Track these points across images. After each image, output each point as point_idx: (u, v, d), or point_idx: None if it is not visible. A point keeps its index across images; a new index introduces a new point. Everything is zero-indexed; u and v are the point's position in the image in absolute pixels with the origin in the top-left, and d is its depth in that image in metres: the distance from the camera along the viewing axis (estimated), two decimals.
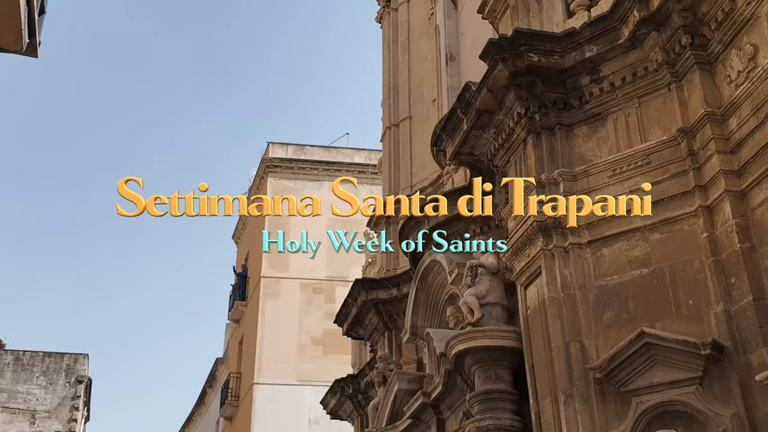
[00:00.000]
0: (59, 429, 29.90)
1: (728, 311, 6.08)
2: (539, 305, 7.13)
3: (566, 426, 6.49)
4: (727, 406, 5.89)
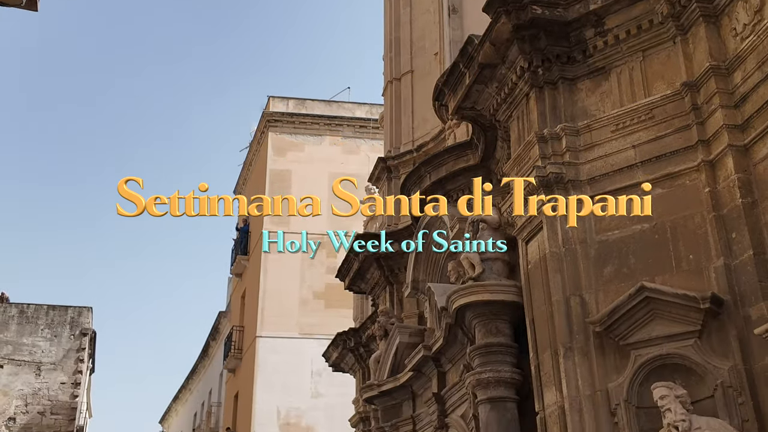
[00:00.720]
0: (65, 380, 30.31)
1: (728, 266, 6.11)
2: (540, 260, 7.16)
3: (565, 378, 6.57)
4: (725, 359, 5.96)
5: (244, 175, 31.44)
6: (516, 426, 7.75)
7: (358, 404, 13.62)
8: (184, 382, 38.90)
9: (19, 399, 29.68)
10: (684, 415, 5.76)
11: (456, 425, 9.19)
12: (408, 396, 10.58)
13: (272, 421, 23.65)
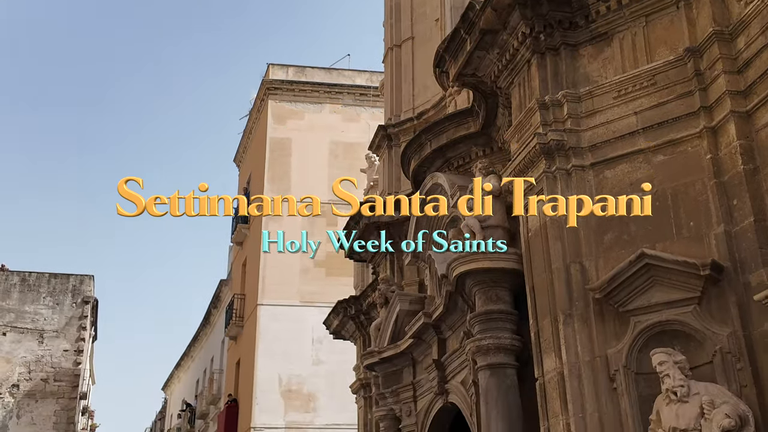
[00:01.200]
0: (67, 348, 30.54)
1: (729, 232, 6.11)
2: (540, 227, 7.16)
3: (565, 345, 6.61)
4: (725, 325, 5.98)
5: (244, 144, 31.34)
6: (515, 392, 7.81)
7: (358, 371, 13.72)
8: (186, 349, 39.19)
9: (22, 366, 29.94)
10: (682, 381, 5.80)
11: (456, 391, 9.27)
12: (408, 363, 10.66)
13: (274, 387, 23.86)
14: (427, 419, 10.10)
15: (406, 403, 10.63)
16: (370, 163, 15.38)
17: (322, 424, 23.66)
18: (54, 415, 29.46)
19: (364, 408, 13.59)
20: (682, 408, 5.74)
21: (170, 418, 42.16)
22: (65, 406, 29.88)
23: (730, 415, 5.53)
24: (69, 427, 29.79)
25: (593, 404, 6.32)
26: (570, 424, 6.40)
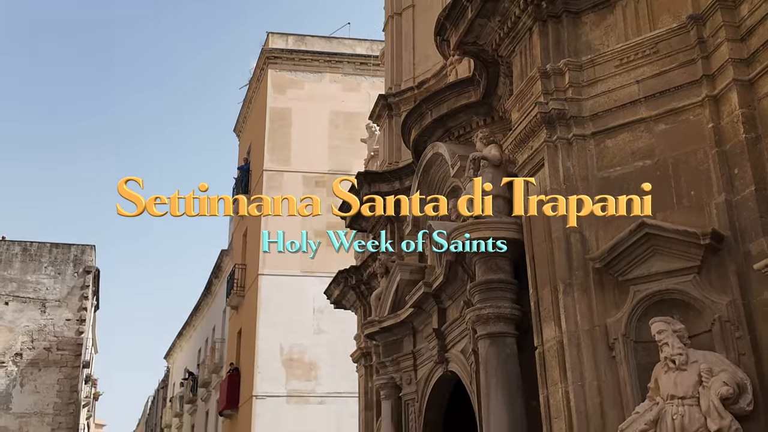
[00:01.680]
0: (70, 317, 30.73)
1: (729, 201, 6.11)
2: None
3: (564, 314, 6.64)
4: (724, 294, 6.00)
5: (244, 113, 31.21)
6: (515, 361, 7.86)
7: (359, 340, 13.80)
8: (188, 318, 39.40)
9: (25, 335, 30.15)
10: (681, 349, 5.84)
11: (456, 360, 9.33)
12: (408, 332, 10.72)
13: (275, 357, 24.04)
14: (427, 388, 10.18)
15: (406, 371, 10.71)
16: (370, 132, 15.32)
17: (323, 392, 23.87)
18: (57, 384, 29.74)
19: (365, 376, 13.70)
20: (680, 376, 5.78)
21: (173, 386, 42.53)
22: (68, 374, 30.14)
23: (728, 383, 5.57)
24: (72, 396, 30.08)
25: (592, 372, 6.36)
26: (569, 392, 6.45)
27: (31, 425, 28.88)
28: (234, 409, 25.85)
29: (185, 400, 35.60)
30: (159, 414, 47.41)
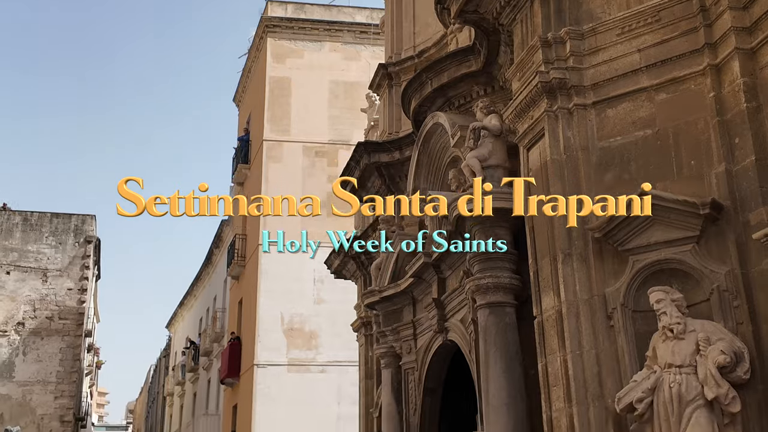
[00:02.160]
0: (71, 287, 30.86)
1: (729, 171, 6.10)
2: (541, 167, 7.14)
3: (563, 284, 6.66)
4: (723, 264, 6.02)
5: (244, 83, 31.05)
6: (514, 330, 7.91)
7: (359, 310, 13.88)
8: (189, 288, 39.58)
9: (27, 304, 30.30)
10: (679, 318, 5.87)
11: (455, 329, 9.39)
12: (408, 301, 10.77)
13: (276, 326, 24.19)
14: (426, 356, 10.26)
15: (406, 340, 10.78)
16: (370, 102, 15.25)
17: (323, 361, 24.06)
18: (60, 352, 29.95)
19: (365, 345, 13.79)
20: (678, 345, 5.82)
21: (175, 355, 42.86)
22: (70, 343, 30.35)
23: (726, 352, 5.61)
24: (75, 364, 30.32)
25: (590, 341, 6.40)
26: (567, 360, 6.50)
27: (34, 393, 29.15)
28: (235, 378, 26.08)
29: (187, 369, 35.89)
30: (161, 382, 47.85)
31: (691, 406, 5.65)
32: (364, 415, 13.53)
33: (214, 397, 30.70)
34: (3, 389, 29.08)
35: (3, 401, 28.92)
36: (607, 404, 6.21)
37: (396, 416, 10.76)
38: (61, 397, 29.39)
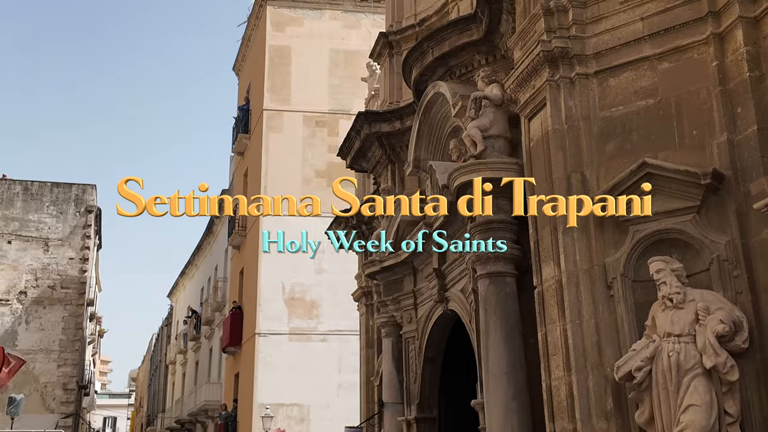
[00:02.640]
0: (72, 256, 30.93)
1: (731, 141, 6.09)
2: (542, 137, 7.12)
3: (564, 254, 6.68)
4: (723, 233, 6.03)
5: (243, 52, 30.83)
6: (514, 300, 7.94)
7: (360, 279, 13.93)
8: (190, 258, 39.67)
9: (28, 273, 30.40)
10: (679, 288, 5.90)
11: (455, 299, 9.43)
12: (409, 271, 10.81)
13: (277, 296, 24.30)
14: (427, 326, 10.32)
15: (406, 310, 10.84)
16: (371, 71, 15.16)
17: (324, 330, 24.21)
18: (62, 321, 30.12)
19: (366, 315, 13.87)
20: (677, 314, 5.86)
21: (176, 324, 43.12)
22: (73, 312, 30.51)
23: (725, 321, 5.64)
24: (77, 333, 30.51)
25: (590, 311, 6.44)
26: (567, 330, 6.54)
27: (37, 361, 29.37)
28: (237, 347, 26.26)
29: (189, 338, 36.13)
30: (163, 351, 48.19)
31: (689, 374, 5.70)
32: (365, 384, 13.66)
33: (216, 365, 30.95)
34: None
35: None
36: (606, 373, 6.26)
37: (396, 384, 10.86)
38: (64, 366, 29.62)
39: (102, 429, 61.51)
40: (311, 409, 23.60)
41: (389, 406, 10.91)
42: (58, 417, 28.48)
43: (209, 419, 30.27)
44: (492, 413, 7.56)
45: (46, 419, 27.23)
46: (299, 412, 23.68)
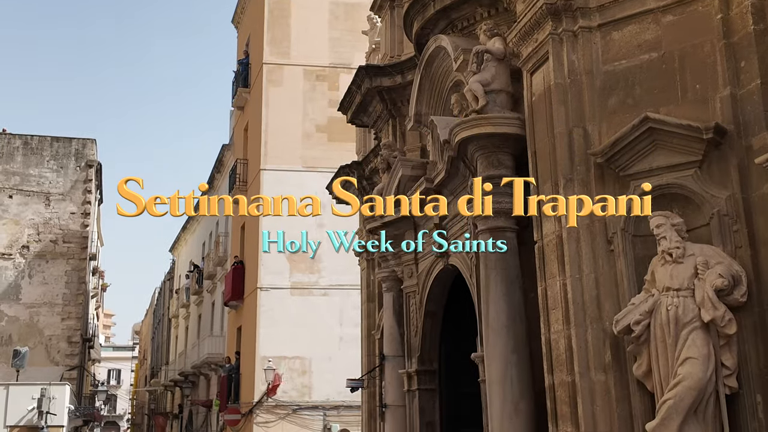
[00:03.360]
0: (74, 210, 30.98)
1: (734, 95, 6.05)
2: (544, 91, 7.08)
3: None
4: (724, 188, 6.04)
5: (243, 3, 30.43)
6: (514, 254, 7.98)
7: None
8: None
9: (30, 228, 30.49)
10: (678, 243, 5.93)
11: (456, 254, 9.47)
12: (410, 226, 10.82)
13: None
14: (428, 281, 10.39)
15: (407, 265, 10.89)
16: (371, 24, 14.99)
17: (326, 284, 24.38)
18: (65, 275, 30.29)
19: (367, 270, 13.96)
20: (676, 269, 5.90)
21: (179, 278, 43.41)
22: (75, 266, 30.67)
23: (723, 275, 5.68)
24: (80, 287, 30.73)
25: (590, 265, 6.48)
26: (566, 284, 6.59)
27: (41, 315, 29.64)
28: (239, 301, 26.48)
29: (191, 292, 36.41)
30: (166, 305, 48.62)
31: (687, 327, 5.76)
32: (366, 337, 13.81)
33: (219, 319, 31.26)
34: (10, 311, 29.56)
35: (11, 323, 29.45)
36: (604, 326, 6.33)
37: (397, 338, 10.98)
38: (68, 319, 29.90)
39: (107, 381, 62.39)
40: (313, 361, 23.90)
41: (390, 359, 11.04)
42: (63, 369, 28.85)
43: (212, 371, 30.69)
44: (492, 366, 7.66)
45: (51, 371, 27.59)
46: (301, 365, 24.00)
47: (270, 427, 23.32)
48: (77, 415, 28.05)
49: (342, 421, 22.52)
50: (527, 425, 7.38)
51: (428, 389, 10.41)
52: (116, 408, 69.76)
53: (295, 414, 23.54)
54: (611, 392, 6.22)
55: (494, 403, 7.54)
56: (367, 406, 13.62)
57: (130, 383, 67.59)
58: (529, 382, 7.51)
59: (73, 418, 26.50)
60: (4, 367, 27.22)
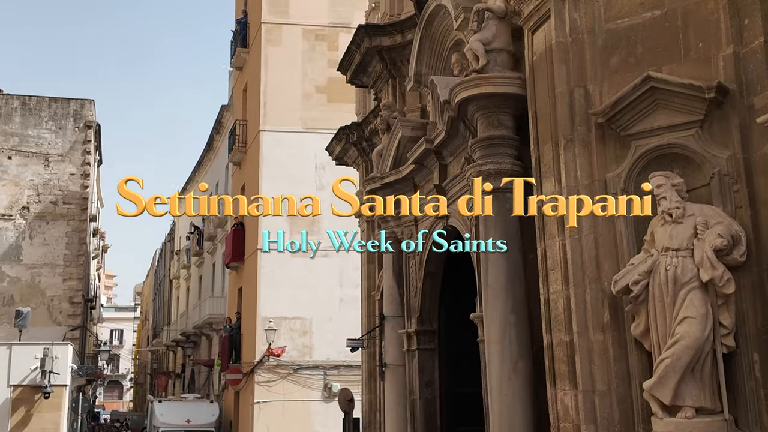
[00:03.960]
0: (73, 171, 30.92)
1: (737, 53, 5.99)
2: (546, 51, 7.01)
3: (564, 169, 6.67)
4: (725, 148, 6.01)
5: None
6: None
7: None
8: (191, 174, 39.71)
9: (30, 189, 30.47)
10: (678, 203, 5.92)
11: (456, 215, 9.47)
12: (410, 188, 10.81)
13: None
14: (428, 241, 10.41)
15: (407, 226, 10.90)
16: None
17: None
18: (66, 236, 30.34)
19: (367, 231, 13.98)
20: (676, 229, 5.90)
21: (179, 239, 43.53)
22: (76, 227, 30.71)
23: (723, 235, 5.69)
24: (81, 248, 30.81)
25: (589, 226, 6.48)
26: (566, 244, 6.60)
27: (42, 276, 29.76)
28: (240, 262, 26.58)
29: (192, 253, 36.54)
30: (167, 266, 48.83)
31: (686, 287, 5.78)
32: (366, 298, 13.88)
33: (219, 280, 31.41)
34: (11, 272, 29.68)
35: (12, 283, 29.59)
36: (603, 287, 6.35)
37: (397, 298, 11.04)
38: (69, 279, 30.03)
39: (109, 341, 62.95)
40: (313, 322, 24.09)
41: (390, 319, 11.12)
42: (65, 329, 29.06)
43: (213, 332, 30.94)
44: (491, 326, 7.71)
45: (53, 331, 27.79)
46: (302, 326, 24.18)
47: (271, 386, 23.60)
48: (80, 375, 28.34)
49: (342, 380, 22.75)
50: (526, 384, 7.45)
51: (428, 349, 10.50)
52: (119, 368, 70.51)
53: (296, 374, 23.80)
54: (609, 351, 6.27)
55: (493, 363, 7.61)
56: (367, 365, 13.75)
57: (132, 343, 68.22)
58: (527, 342, 7.56)
59: (76, 378, 26.78)
60: (6, 327, 27.42)
